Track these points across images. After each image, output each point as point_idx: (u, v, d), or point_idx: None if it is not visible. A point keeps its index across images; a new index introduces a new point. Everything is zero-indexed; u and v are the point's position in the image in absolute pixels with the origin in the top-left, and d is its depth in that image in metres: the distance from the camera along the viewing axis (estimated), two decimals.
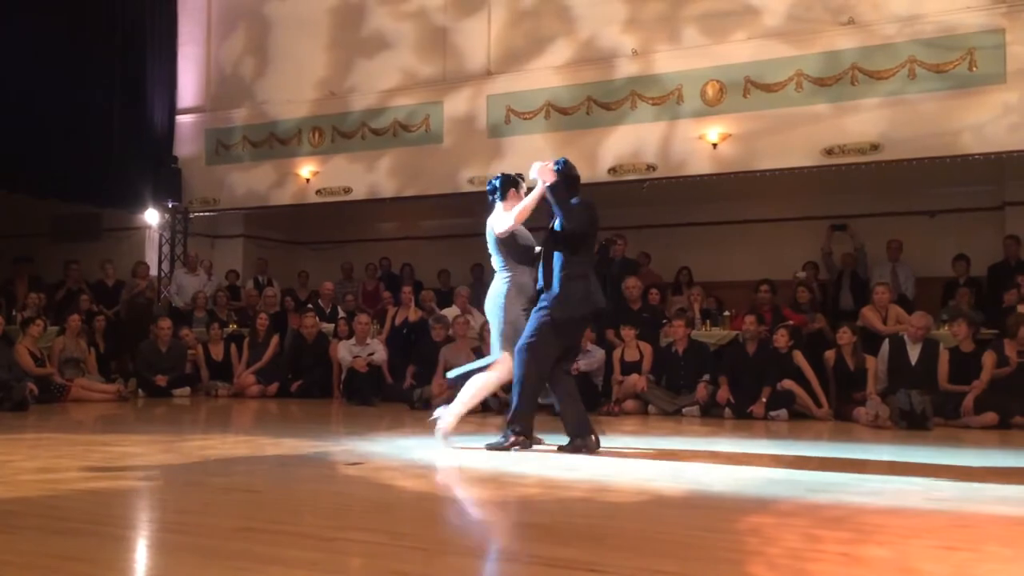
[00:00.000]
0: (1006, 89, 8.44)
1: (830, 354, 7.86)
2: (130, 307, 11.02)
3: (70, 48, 10.90)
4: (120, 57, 11.64)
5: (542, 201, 5.14)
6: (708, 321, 9.23)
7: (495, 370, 5.26)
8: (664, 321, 8.91)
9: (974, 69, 8.53)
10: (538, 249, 5.28)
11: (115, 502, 3.60)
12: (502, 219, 5.19)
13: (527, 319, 5.14)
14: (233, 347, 10.11)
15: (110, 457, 4.87)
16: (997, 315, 8.26)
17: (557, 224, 5.13)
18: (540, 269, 5.17)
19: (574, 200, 5.12)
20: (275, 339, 10.01)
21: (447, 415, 5.33)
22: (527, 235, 5.38)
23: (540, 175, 5.13)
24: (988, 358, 7.24)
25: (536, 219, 5.27)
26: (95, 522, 3.14)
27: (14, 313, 9.96)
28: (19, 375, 8.07)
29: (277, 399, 9.48)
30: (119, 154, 11.49)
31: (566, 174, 5.18)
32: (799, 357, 7.76)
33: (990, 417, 6.92)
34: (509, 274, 5.24)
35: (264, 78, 12.24)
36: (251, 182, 12.16)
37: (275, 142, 12.03)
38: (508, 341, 5.18)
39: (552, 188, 5.06)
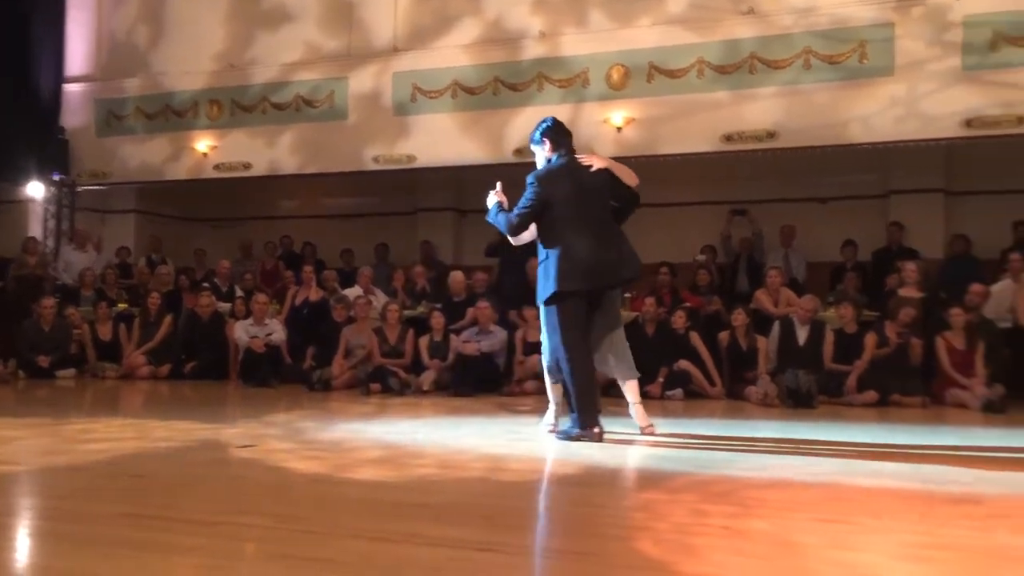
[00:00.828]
0: (894, 81, 8.81)
1: (724, 335, 8.09)
2: (18, 283, 10.47)
3: None
4: (6, 22, 10.97)
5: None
6: None
7: None
8: None
9: (864, 61, 8.88)
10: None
11: None
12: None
13: None
14: (123, 327, 9.72)
15: None
16: (880, 298, 8.65)
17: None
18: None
19: (530, 175, 4.91)
20: (168, 319, 9.68)
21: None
22: None
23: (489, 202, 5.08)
24: (869, 339, 7.58)
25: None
26: None
27: None
28: None
29: (169, 381, 9.18)
30: (2, 124, 10.87)
31: (547, 136, 5.02)
32: (695, 338, 7.96)
33: (871, 395, 7.26)
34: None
35: (159, 47, 11.76)
36: (145, 155, 11.70)
37: (171, 114, 11.60)
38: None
39: (489, 215, 5.03)
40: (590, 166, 4.95)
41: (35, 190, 11.54)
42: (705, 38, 9.45)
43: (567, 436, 4.77)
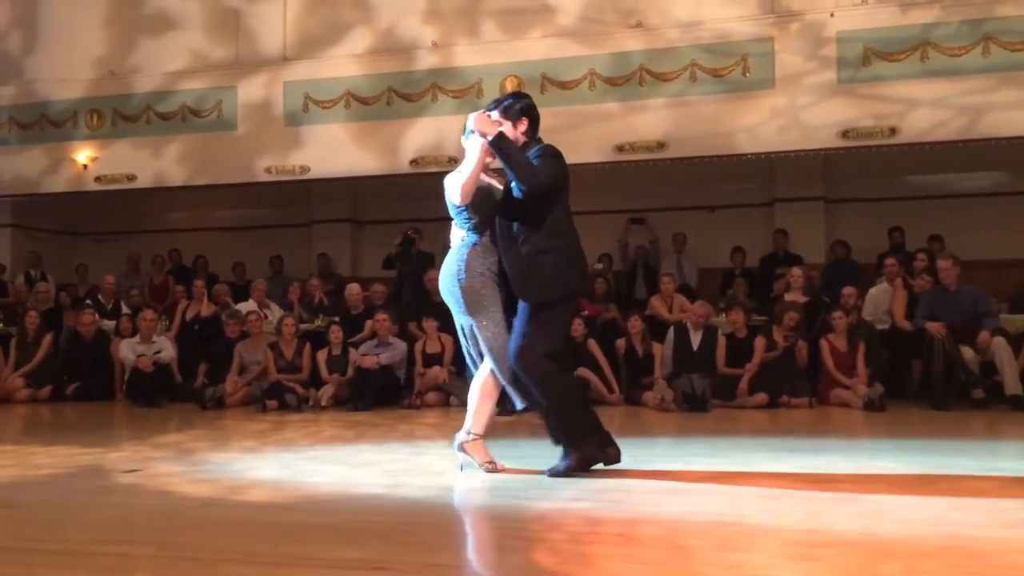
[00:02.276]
0: (775, 94, 9.17)
1: (621, 342, 8.24)
2: None
3: None
4: None
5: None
6: None
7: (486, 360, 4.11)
8: None
9: (747, 74, 9.21)
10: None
11: None
12: (453, 187, 4.12)
13: (493, 286, 4.07)
14: None
15: None
16: (767, 303, 8.98)
17: (514, 188, 4.02)
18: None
19: (535, 148, 4.06)
20: (48, 338, 9.19)
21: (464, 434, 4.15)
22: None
23: (478, 126, 3.98)
24: (759, 343, 7.85)
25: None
26: None
27: None
28: None
29: (50, 403, 8.72)
30: None
31: (526, 115, 4.13)
32: (593, 346, 8.08)
33: (761, 397, 7.51)
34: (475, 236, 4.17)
35: (34, 54, 11.21)
36: (19, 167, 11.11)
37: (47, 124, 11.05)
38: (473, 308, 4.07)
39: (496, 143, 3.92)
40: None
41: None
42: (595, 50, 9.62)
43: (564, 472, 3.89)
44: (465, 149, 4.21)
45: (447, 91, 9.97)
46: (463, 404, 7.78)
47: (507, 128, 4.04)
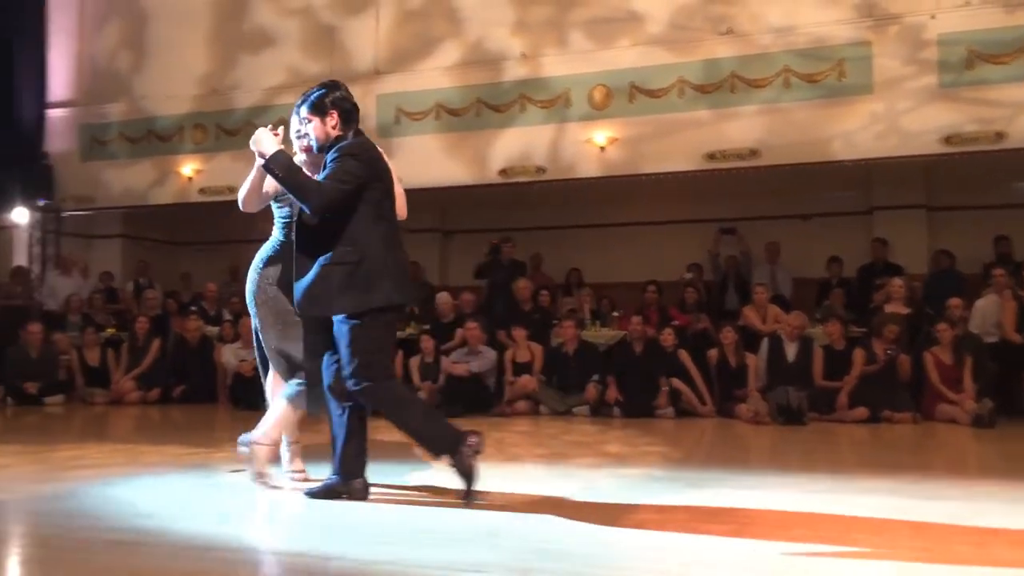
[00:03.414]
0: (873, 99, 8.91)
1: (713, 353, 8.12)
2: (3, 310, 10.38)
3: None
4: None
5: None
6: (598, 322, 9.40)
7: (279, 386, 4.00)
8: (555, 322, 9.03)
9: (843, 79, 8.98)
10: None
11: None
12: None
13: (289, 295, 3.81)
14: (111, 352, 9.66)
15: None
16: (866, 314, 8.72)
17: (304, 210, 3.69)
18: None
19: (335, 148, 3.70)
20: (156, 343, 9.62)
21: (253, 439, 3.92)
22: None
23: (255, 146, 3.75)
24: (858, 355, 7.63)
25: None
26: None
27: None
28: None
29: (159, 405, 9.12)
30: None
31: (336, 108, 3.78)
32: (684, 356, 7.99)
33: (861, 412, 7.29)
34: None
35: (142, 72, 11.75)
36: (129, 180, 11.66)
37: (154, 139, 11.57)
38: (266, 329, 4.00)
39: (268, 167, 3.69)
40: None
41: (20, 216, 11.48)
42: (685, 58, 9.53)
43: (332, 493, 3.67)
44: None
45: (535, 101, 10.03)
46: (553, 412, 7.87)
47: (315, 125, 3.79)
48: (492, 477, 4.34)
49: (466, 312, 9.17)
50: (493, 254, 10.11)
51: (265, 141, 3.72)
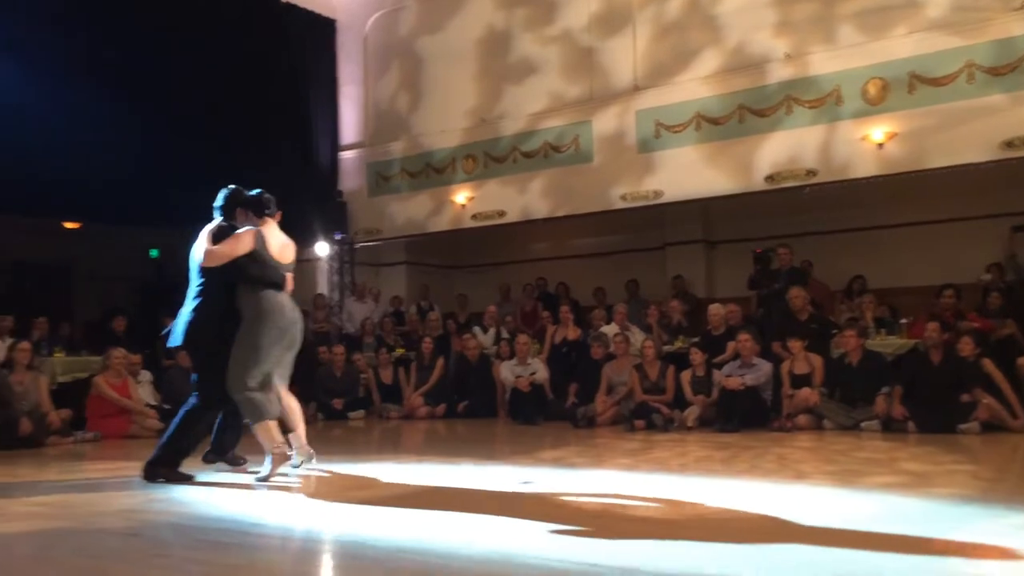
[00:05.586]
0: None
1: (1022, 361, 7.30)
2: (312, 335, 11.59)
3: (248, 96, 11.65)
4: (290, 102, 12.40)
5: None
6: (883, 330, 8.78)
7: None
8: (834, 332, 8.56)
9: None
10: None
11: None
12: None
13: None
14: (401, 371, 10.50)
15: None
16: None
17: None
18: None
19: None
20: (440, 361, 10.32)
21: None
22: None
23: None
24: None
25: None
26: None
27: None
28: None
29: (445, 420, 9.76)
30: (291, 191, 12.16)
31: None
32: (989, 365, 7.25)
33: None
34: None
35: (418, 111, 12.71)
36: (410, 211, 12.63)
37: (431, 171, 12.45)
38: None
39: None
40: None
41: (321, 249, 12.83)
42: (973, 40, 8.70)
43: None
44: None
45: (802, 102, 9.62)
46: (839, 427, 7.46)
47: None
48: (779, 495, 4.21)
49: (732, 324, 8.96)
50: (759, 263, 9.80)
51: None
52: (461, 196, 12.09)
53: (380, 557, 3.13)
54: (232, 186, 5.37)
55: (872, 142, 9.12)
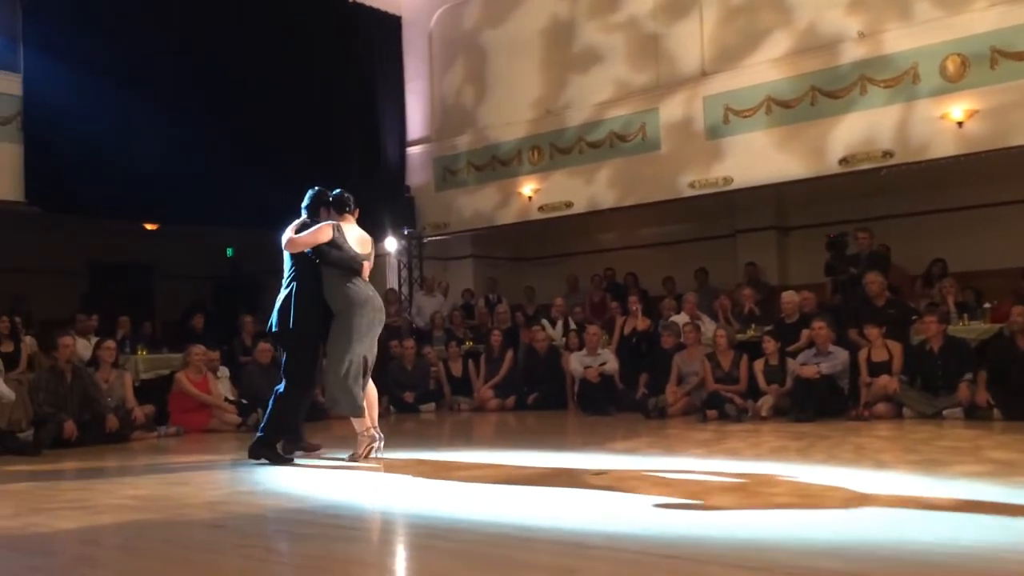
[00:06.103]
0: None
1: None
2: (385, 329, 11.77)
3: (317, 96, 11.88)
4: (358, 100, 12.58)
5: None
6: (966, 315, 8.47)
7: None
8: (913, 318, 8.30)
9: None
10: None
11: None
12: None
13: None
14: (471, 363, 10.57)
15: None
16: None
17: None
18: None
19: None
20: (509, 354, 10.35)
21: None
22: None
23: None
24: None
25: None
26: None
27: None
28: None
29: (515, 412, 9.79)
30: (360, 188, 12.32)
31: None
32: None
33: None
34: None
35: (483, 104, 12.75)
36: (477, 204, 12.69)
37: (497, 164, 12.48)
38: None
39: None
40: None
41: (390, 244, 12.99)
42: None
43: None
44: None
45: (877, 82, 9.33)
46: (920, 415, 7.23)
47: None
48: (859, 482, 4.11)
49: (805, 311, 8.75)
50: (832, 248, 9.55)
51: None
52: (527, 188, 12.09)
53: (457, 538, 3.16)
54: (317, 187, 5.92)
55: (951, 120, 8.81)
